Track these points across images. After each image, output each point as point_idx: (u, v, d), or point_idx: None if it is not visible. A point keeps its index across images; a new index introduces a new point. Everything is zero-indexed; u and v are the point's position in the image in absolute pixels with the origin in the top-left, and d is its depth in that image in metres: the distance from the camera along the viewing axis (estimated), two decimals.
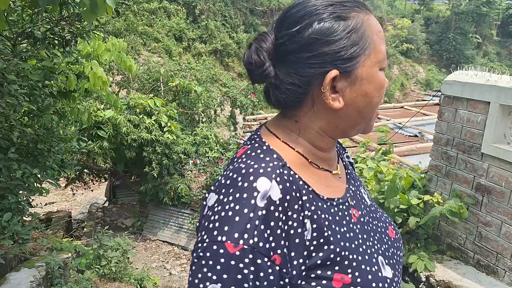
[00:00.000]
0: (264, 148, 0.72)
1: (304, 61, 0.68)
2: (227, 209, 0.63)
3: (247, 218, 0.61)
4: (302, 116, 0.73)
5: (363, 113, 0.72)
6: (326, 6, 0.69)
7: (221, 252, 0.60)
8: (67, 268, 3.54)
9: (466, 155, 2.91)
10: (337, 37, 0.67)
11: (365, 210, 0.82)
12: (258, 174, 0.65)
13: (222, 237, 0.61)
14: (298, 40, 0.68)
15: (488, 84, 2.73)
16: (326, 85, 0.68)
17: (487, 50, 26.06)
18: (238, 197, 0.63)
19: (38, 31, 2.49)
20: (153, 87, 9.45)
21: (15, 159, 2.82)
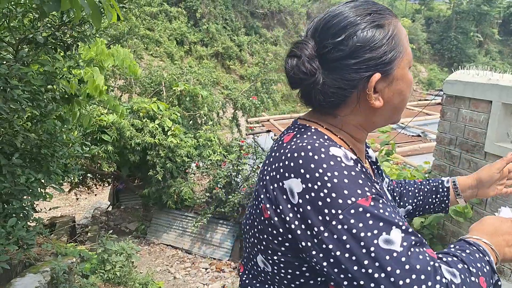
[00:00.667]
0: (313, 131, 0.77)
1: (350, 67, 0.74)
2: (328, 180, 0.66)
3: (352, 176, 0.66)
4: (343, 113, 0.80)
5: (397, 108, 0.81)
6: (365, 16, 0.75)
7: (362, 210, 0.64)
8: (72, 273, 3.55)
9: (469, 154, 2.90)
10: (378, 44, 0.75)
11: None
12: (325, 145, 0.70)
13: (351, 199, 0.65)
14: (343, 48, 0.74)
15: (490, 83, 2.73)
16: (371, 88, 0.75)
17: (489, 48, 26.00)
18: (326, 167, 0.67)
19: (40, 36, 2.51)
20: (155, 91, 9.48)
21: (19, 164, 2.84)
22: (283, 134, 0.82)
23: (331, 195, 0.65)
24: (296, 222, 0.68)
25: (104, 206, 10.02)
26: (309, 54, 0.75)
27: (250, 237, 0.80)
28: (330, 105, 0.78)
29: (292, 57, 0.76)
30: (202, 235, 7.81)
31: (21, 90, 2.48)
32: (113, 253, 4.35)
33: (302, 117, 0.85)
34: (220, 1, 20.19)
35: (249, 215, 0.82)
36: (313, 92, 0.77)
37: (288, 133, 0.80)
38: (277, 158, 0.74)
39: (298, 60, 0.75)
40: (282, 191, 0.70)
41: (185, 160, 7.70)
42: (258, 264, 0.80)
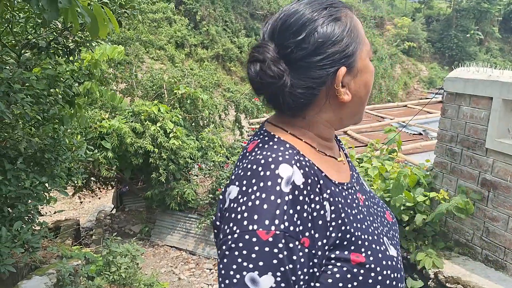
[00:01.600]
0: (275, 140, 0.75)
1: (315, 64, 0.72)
2: (254, 199, 0.64)
3: (275, 204, 0.63)
4: (311, 113, 0.77)
5: (363, 101, 0.80)
6: (321, 11, 0.73)
7: (254, 241, 0.62)
8: (77, 275, 3.57)
9: (470, 151, 2.91)
10: (339, 37, 0.73)
11: (367, 195, 0.87)
12: (278, 161, 0.67)
13: (253, 225, 0.62)
14: (305, 46, 0.72)
15: (490, 80, 2.74)
16: (339, 83, 0.74)
17: (490, 46, 25.93)
18: (262, 186, 0.65)
19: (42, 41, 2.54)
20: (157, 94, 9.52)
21: (23, 169, 2.87)
22: (249, 141, 0.80)
23: (244, 213, 0.64)
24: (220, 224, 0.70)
25: (108, 209, 10.05)
26: (272, 57, 0.72)
27: None
28: (300, 107, 0.76)
29: (254, 62, 0.73)
30: (206, 236, 7.83)
31: (24, 94, 2.50)
32: (118, 255, 4.37)
33: (269, 121, 0.82)
34: (220, 3, 20.24)
35: None
36: (281, 96, 0.74)
37: (253, 141, 0.79)
38: (239, 164, 0.75)
39: (262, 64, 0.72)
40: (224, 195, 0.71)
41: (188, 162, 7.72)
42: None
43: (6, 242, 2.54)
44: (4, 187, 2.65)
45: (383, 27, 25.00)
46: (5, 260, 2.54)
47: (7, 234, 2.57)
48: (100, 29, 1.79)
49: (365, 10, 24.86)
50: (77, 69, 3.02)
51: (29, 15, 2.60)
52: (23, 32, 2.80)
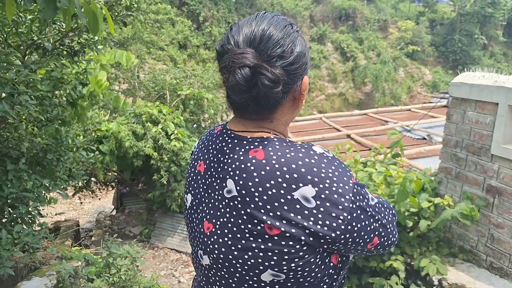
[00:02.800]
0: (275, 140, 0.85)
1: (291, 72, 0.83)
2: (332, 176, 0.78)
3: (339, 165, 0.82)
4: (277, 115, 0.88)
5: (300, 108, 0.93)
6: (290, 27, 0.85)
7: (358, 187, 0.83)
8: (77, 276, 3.55)
9: (475, 156, 2.89)
10: (306, 50, 0.87)
11: None
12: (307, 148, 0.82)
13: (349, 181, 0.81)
14: (286, 56, 0.82)
15: (496, 85, 2.71)
16: (306, 87, 0.89)
17: (494, 51, 25.89)
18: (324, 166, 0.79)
19: (47, 42, 2.53)
20: (159, 94, 9.51)
21: (25, 169, 2.85)
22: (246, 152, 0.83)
23: (339, 185, 0.77)
24: (320, 222, 0.76)
25: (108, 210, 10.04)
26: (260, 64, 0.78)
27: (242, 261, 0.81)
28: (272, 109, 0.85)
29: (243, 67, 0.76)
30: None
31: (28, 96, 2.49)
32: (118, 256, 4.34)
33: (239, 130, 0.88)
34: (223, 5, 20.29)
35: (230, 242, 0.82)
36: (264, 99, 0.81)
37: (253, 149, 0.82)
38: (266, 177, 0.78)
39: (257, 68, 0.77)
40: (294, 202, 0.76)
41: None
42: (263, 280, 0.82)
43: (6, 245, 2.53)
44: (5, 188, 2.64)
45: (386, 30, 25.00)
46: (5, 262, 2.53)
47: (7, 237, 2.56)
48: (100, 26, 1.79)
49: (368, 13, 24.87)
50: (82, 70, 3.01)
51: (35, 16, 2.59)
52: (29, 32, 2.79)
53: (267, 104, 0.83)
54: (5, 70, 2.41)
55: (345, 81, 22.45)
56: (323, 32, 23.17)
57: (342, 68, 22.75)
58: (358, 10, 24.51)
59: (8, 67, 2.42)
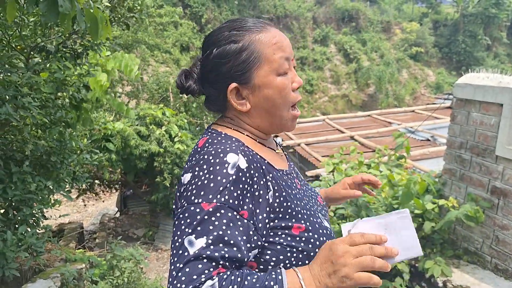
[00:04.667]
0: (223, 135, 0.90)
1: (214, 78, 0.89)
2: (203, 179, 0.77)
3: (220, 183, 0.76)
4: (231, 115, 0.94)
5: (271, 113, 0.91)
6: (224, 33, 0.88)
7: (197, 211, 0.74)
8: (81, 278, 3.56)
9: (480, 158, 2.87)
10: (229, 58, 0.86)
11: (302, 182, 1.05)
12: (226, 151, 0.81)
13: (199, 199, 0.75)
14: (206, 63, 0.90)
15: (501, 86, 2.70)
16: (229, 95, 0.89)
17: (497, 51, 25.75)
18: (212, 169, 0.78)
19: (50, 45, 2.54)
20: (163, 97, 9.54)
21: (29, 172, 2.86)
22: (199, 139, 0.94)
23: (193, 191, 0.77)
24: (174, 207, 0.84)
25: (111, 212, 10.06)
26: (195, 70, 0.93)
27: None
28: (220, 110, 0.95)
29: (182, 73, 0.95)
30: None
31: (31, 98, 2.51)
32: (122, 259, 4.35)
33: (215, 122, 0.98)
34: (226, 7, 20.33)
35: None
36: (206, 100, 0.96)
37: (202, 138, 0.93)
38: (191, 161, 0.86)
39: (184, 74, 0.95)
40: (180, 182, 0.84)
41: None
42: None
43: (11, 246, 2.53)
44: (10, 190, 2.65)
45: (390, 32, 24.94)
46: (10, 264, 2.53)
47: (12, 238, 2.57)
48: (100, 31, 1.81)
49: (372, 14, 24.83)
50: (85, 72, 3.02)
51: (38, 18, 2.60)
52: (32, 35, 2.81)
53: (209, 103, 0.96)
54: (9, 73, 2.43)
55: (348, 83, 22.41)
56: (326, 34, 23.15)
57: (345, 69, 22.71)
58: (361, 11, 24.47)
59: (11, 70, 2.44)
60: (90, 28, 1.83)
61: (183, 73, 0.94)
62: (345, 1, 24.70)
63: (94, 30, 1.80)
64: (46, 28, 2.64)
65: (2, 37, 2.59)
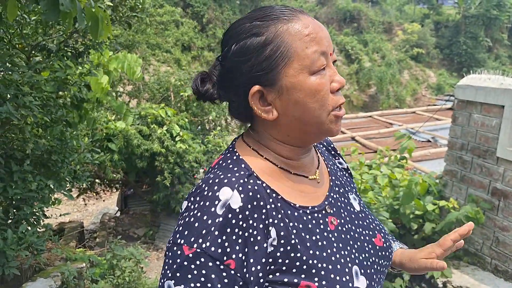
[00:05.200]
0: (234, 158, 0.75)
1: (234, 80, 0.73)
2: (191, 215, 0.67)
3: (205, 224, 0.65)
4: (257, 127, 0.78)
5: (303, 120, 0.72)
6: (245, 24, 0.72)
7: (178, 254, 0.65)
8: (81, 278, 3.56)
9: (481, 159, 2.86)
10: (249, 55, 0.70)
11: (349, 218, 0.82)
12: (222, 184, 0.68)
13: (181, 240, 0.66)
14: (224, 63, 0.74)
15: (502, 88, 2.70)
16: (251, 101, 0.72)
17: (499, 53, 25.74)
18: (201, 205, 0.67)
19: (52, 44, 2.54)
20: (164, 96, 9.54)
21: (30, 170, 2.86)
22: (220, 154, 0.82)
23: (180, 227, 0.67)
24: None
25: (112, 211, 10.07)
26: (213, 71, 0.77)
27: None
28: (244, 119, 0.79)
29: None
30: None
31: (32, 97, 2.51)
32: (122, 258, 4.35)
33: (243, 134, 0.82)
34: (227, 7, 20.33)
35: None
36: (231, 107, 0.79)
37: (219, 156, 0.80)
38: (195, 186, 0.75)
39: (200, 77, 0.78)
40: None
41: (193, 166, 7.71)
42: None
43: (12, 245, 2.54)
44: (10, 189, 2.65)
45: (391, 33, 24.93)
46: (10, 262, 2.54)
47: (12, 237, 2.57)
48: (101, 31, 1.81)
49: (373, 15, 24.83)
50: (86, 71, 3.03)
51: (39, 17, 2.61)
52: (33, 34, 2.81)
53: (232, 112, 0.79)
54: (10, 72, 2.43)
55: (350, 84, 22.40)
56: None
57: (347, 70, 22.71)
58: (363, 12, 24.47)
59: (12, 69, 2.44)
60: (91, 27, 1.83)
61: (199, 75, 0.78)
62: (346, 1, 24.70)
63: (95, 29, 1.80)
64: (47, 27, 2.64)
65: (3, 35, 2.59)
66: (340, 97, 0.74)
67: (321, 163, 0.86)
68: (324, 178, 0.83)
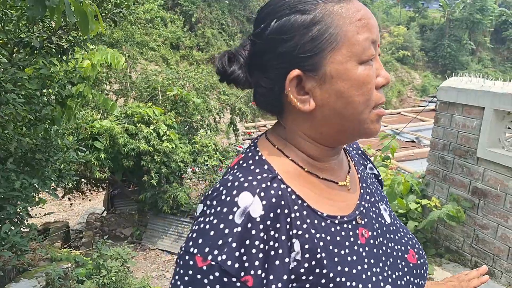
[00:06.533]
0: (256, 159, 0.66)
1: (268, 63, 0.64)
2: (206, 222, 0.59)
3: (222, 234, 0.57)
4: (287, 121, 0.68)
5: (344, 115, 0.63)
6: (289, 0, 0.63)
7: (191, 264, 0.58)
8: (67, 278, 3.52)
9: (462, 159, 2.94)
10: (292, 34, 0.61)
11: (380, 231, 0.73)
12: (241, 188, 0.60)
13: (195, 249, 0.58)
14: (260, 41, 0.64)
15: (483, 90, 2.77)
16: (287, 87, 0.62)
17: (481, 56, 26.30)
18: (218, 211, 0.59)
19: (35, 40, 2.51)
20: (151, 95, 9.47)
21: (13, 169, 2.83)
22: (241, 153, 0.72)
23: (194, 234, 0.60)
24: None
25: (98, 211, 9.95)
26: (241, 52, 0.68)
27: None
28: (272, 111, 0.70)
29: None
30: None
31: (16, 94, 2.47)
32: (109, 258, 4.32)
33: (267, 131, 0.74)
34: (216, 6, 20.29)
35: None
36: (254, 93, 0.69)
37: (239, 155, 0.71)
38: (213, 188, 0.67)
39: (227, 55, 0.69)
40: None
41: (180, 166, 7.69)
42: None
43: None
44: None
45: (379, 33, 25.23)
46: None
47: None
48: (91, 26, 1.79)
49: None
50: (71, 69, 3.00)
51: (22, 13, 2.57)
52: (16, 30, 2.77)
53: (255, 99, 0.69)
54: None
55: None
56: None
57: None
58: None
59: None
60: (79, 23, 1.79)
61: (226, 54, 0.68)
62: None
63: (84, 24, 1.77)
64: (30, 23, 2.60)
65: None
66: (383, 95, 0.66)
67: (352, 168, 0.77)
68: (354, 184, 0.75)
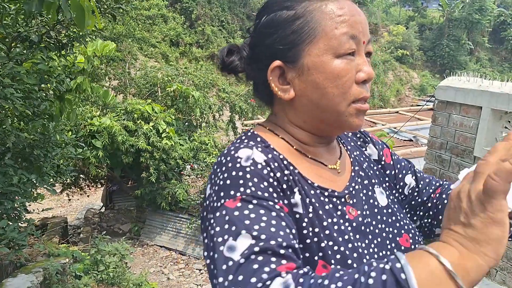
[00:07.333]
0: (249, 135, 0.71)
1: (258, 55, 0.70)
2: (218, 182, 0.61)
3: (238, 177, 0.59)
4: (276, 109, 0.74)
5: (320, 105, 0.66)
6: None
7: (223, 213, 0.57)
8: (65, 273, 3.53)
9: (459, 158, 2.95)
10: (276, 28, 0.67)
11: (370, 212, 0.73)
12: (238, 148, 0.63)
13: (219, 201, 0.58)
14: (254, 35, 0.72)
15: (480, 89, 2.78)
16: (269, 76, 0.68)
17: (479, 56, 26.35)
18: (224, 169, 0.61)
19: (34, 35, 2.50)
20: (150, 92, 9.45)
21: (11, 165, 2.82)
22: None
23: (212, 197, 0.60)
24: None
25: (96, 207, 9.96)
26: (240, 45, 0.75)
27: None
28: (265, 100, 0.75)
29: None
30: (196, 237, 7.81)
31: (14, 89, 2.47)
32: (107, 253, 4.33)
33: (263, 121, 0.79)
34: (216, 3, 20.23)
35: None
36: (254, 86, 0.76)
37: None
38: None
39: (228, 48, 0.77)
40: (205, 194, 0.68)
41: (179, 162, 7.70)
42: None
43: None
44: None
45: (377, 34, 25.21)
46: None
47: None
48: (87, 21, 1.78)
49: None
50: (70, 64, 2.99)
51: (20, 7, 2.55)
52: (14, 24, 2.75)
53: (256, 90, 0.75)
54: None
55: None
56: None
57: None
58: None
59: None
60: (76, 18, 1.79)
61: (227, 46, 0.75)
62: None
63: (81, 20, 1.77)
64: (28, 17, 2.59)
65: None
66: (365, 90, 0.68)
67: (344, 153, 0.79)
68: (345, 168, 0.76)
